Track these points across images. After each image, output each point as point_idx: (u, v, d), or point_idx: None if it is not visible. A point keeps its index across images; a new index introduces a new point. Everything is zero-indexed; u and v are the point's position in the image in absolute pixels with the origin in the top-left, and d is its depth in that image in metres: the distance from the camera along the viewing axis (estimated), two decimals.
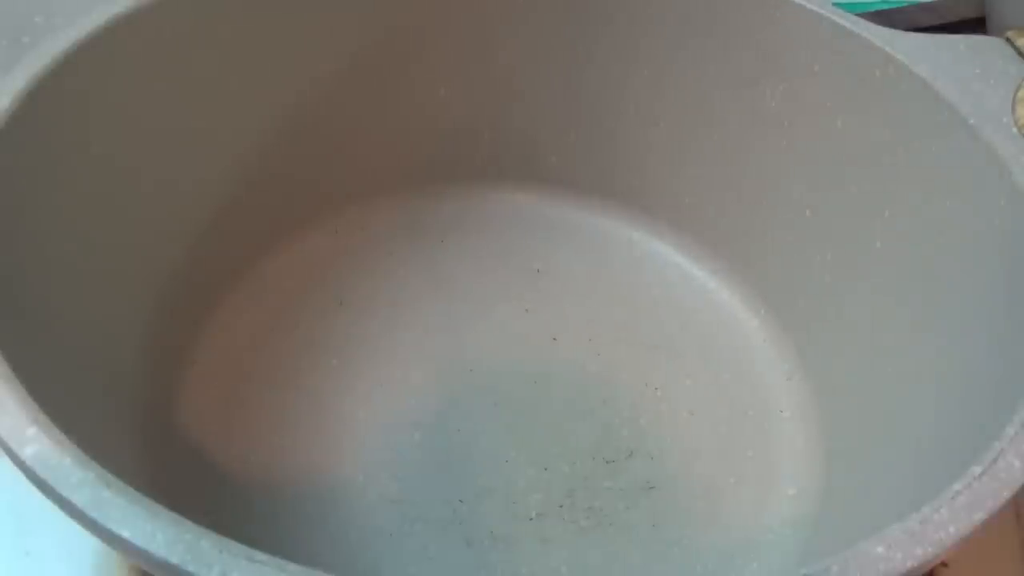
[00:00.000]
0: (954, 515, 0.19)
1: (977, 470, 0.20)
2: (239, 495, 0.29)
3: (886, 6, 0.46)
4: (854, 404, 0.31)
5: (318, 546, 0.28)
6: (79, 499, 0.17)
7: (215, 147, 0.32)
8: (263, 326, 0.34)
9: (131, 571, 0.27)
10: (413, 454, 0.31)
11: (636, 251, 0.38)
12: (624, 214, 0.38)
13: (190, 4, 0.30)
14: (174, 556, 0.17)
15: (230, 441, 0.30)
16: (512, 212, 0.38)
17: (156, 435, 0.29)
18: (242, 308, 0.34)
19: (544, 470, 0.31)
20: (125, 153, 0.29)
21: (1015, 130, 0.27)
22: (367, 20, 0.34)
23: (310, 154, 0.35)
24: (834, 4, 0.31)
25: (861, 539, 0.18)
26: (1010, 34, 0.30)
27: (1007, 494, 0.19)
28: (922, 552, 0.18)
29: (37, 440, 0.18)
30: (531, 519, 0.29)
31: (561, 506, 0.30)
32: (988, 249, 0.27)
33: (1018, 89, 0.28)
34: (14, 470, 0.19)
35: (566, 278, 0.37)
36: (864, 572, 0.18)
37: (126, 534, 0.17)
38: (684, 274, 0.37)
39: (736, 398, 0.33)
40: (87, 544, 0.27)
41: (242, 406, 0.31)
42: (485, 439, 0.31)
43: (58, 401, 0.20)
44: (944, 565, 0.28)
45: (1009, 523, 0.30)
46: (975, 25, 0.46)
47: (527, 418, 0.32)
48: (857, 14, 0.31)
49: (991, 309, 0.26)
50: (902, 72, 0.29)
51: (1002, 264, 0.26)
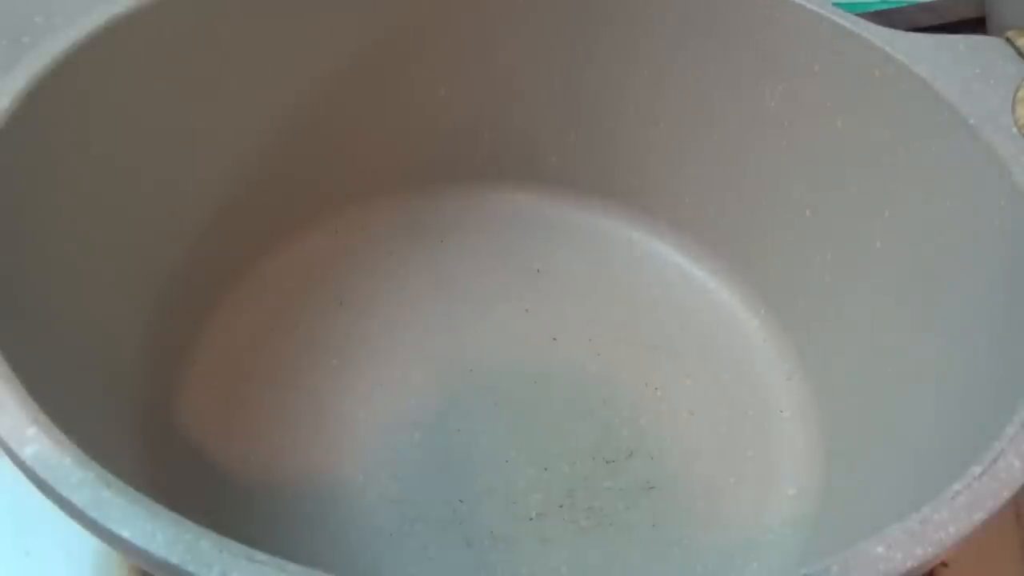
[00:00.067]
0: (954, 515, 0.19)
1: (977, 470, 0.20)
2: (239, 495, 0.29)
3: (886, 6, 0.46)
4: (854, 404, 0.31)
5: (318, 546, 0.28)
6: (79, 499, 0.17)
7: (215, 147, 0.33)
8: (263, 326, 0.34)
9: (131, 571, 0.27)
10: (413, 454, 0.31)
11: (636, 251, 0.38)
12: (624, 214, 0.38)
13: (190, 4, 0.30)
14: (174, 556, 0.17)
15: (230, 441, 0.30)
16: (512, 212, 0.38)
17: (156, 435, 0.29)
18: (242, 308, 0.34)
19: (544, 470, 0.31)
20: (125, 153, 0.29)
21: (1015, 130, 0.27)
22: (367, 20, 0.34)
23: (310, 154, 0.35)
24: (834, 4, 0.31)
25: (861, 539, 0.18)
26: (1010, 34, 0.30)
27: (1007, 494, 0.19)
28: (922, 552, 0.18)
29: (37, 440, 0.18)
30: (531, 519, 0.29)
31: (561, 506, 0.30)
32: (988, 249, 0.27)
33: (1018, 89, 0.28)
34: (14, 470, 0.19)
35: (566, 278, 0.37)
36: (864, 572, 0.18)
37: (126, 534, 0.17)
38: (684, 274, 0.37)
39: (736, 398, 0.33)
40: (87, 544, 0.27)
41: (242, 406, 0.31)
42: (485, 439, 0.31)
43: (58, 401, 0.20)
44: (944, 565, 0.28)
45: (1009, 523, 0.30)
46: (975, 25, 0.46)
47: (527, 418, 0.32)
48: (857, 14, 0.31)
49: (991, 309, 0.26)
50: (902, 72, 0.29)
51: (1002, 264, 0.26)
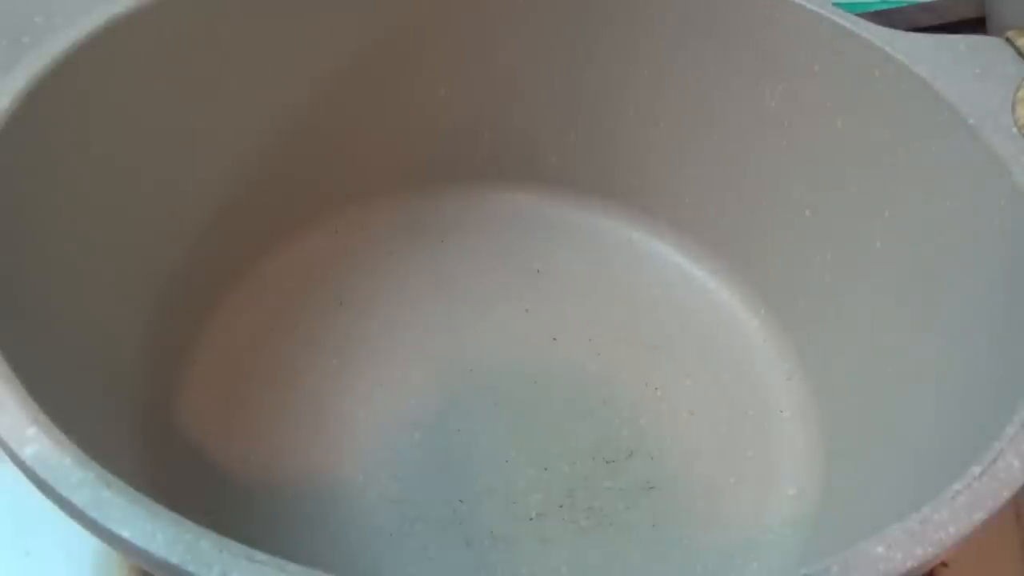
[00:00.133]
0: (954, 515, 0.19)
1: (977, 470, 0.20)
2: (239, 495, 0.29)
3: (886, 6, 0.46)
4: (854, 404, 0.31)
5: (318, 546, 0.28)
6: (79, 499, 0.17)
7: (215, 147, 0.32)
8: (263, 326, 0.34)
9: (131, 571, 0.27)
10: (413, 454, 0.31)
11: (636, 251, 0.38)
12: (624, 214, 0.38)
13: (190, 4, 0.30)
14: (174, 556, 0.17)
15: (230, 441, 0.30)
16: (512, 212, 0.38)
17: (156, 435, 0.29)
18: (242, 308, 0.34)
19: (544, 470, 0.31)
20: (125, 153, 0.29)
21: (1015, 130, 0.27)
22: (367, 20, 0.34)
23: (310, 154, 0.35)
24: (834, 4, 0.31)
25: (861, 539, 0.18)
26: (1010, 34, 0.30)
27: (1007, 494, 0.19)
28: (922, 552, 0.18)
29: (37, 440, 0.18)
30: (531, 519, 0.29)
31: (561, 506, 0.30)
32: (988, 249, 0.27)
33: (1018, 89, 0.28)
34: (14, 470, 0.19)
35: (566, 278, 0.37)
36: (864, 572, 0.18)
37: (126, 534, 0.17)
38: (684, 274, 0.37)
39: (736, 398, 0.33)
40: (87, 544, 0.27)
41: (242, 406, 0.31)
42: (485, 439, 0.31)
43: (58, 401, 0.20)
44: (944, 565, 0.28)
45: (1009, 523, 0.30)
46: (975, 25, 0.46)
47: (527, 418, 0.32)
48: (857, 14, 0.31)
49: (991, 309, 0.26)
50: (902, 72, 0.29)
51: (1002, 264, 0.26)
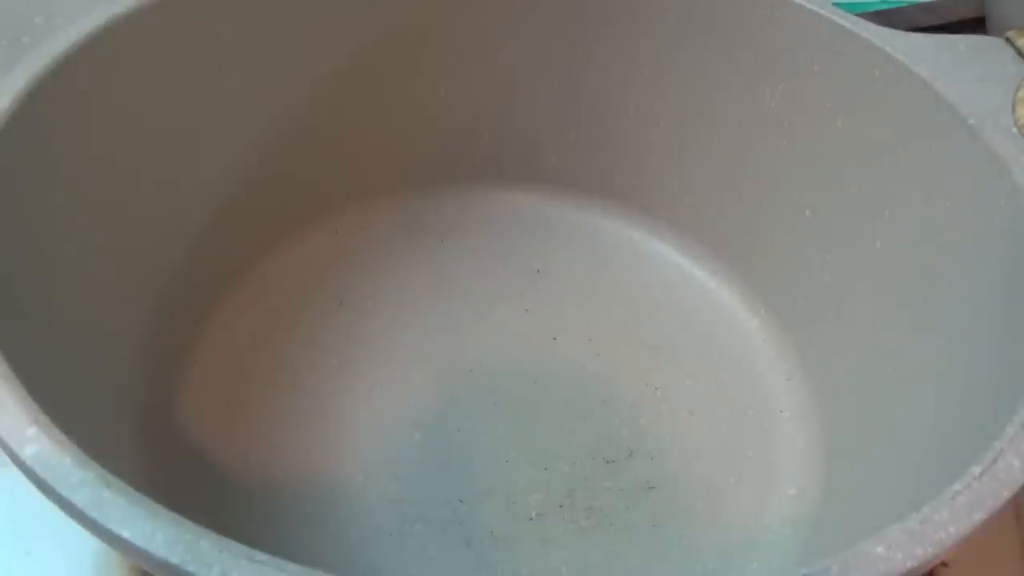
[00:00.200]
0: (954, 515, 0.19)
1: (977, 470, 0.20)
2: (239, 495, 0.29)
3: (886, 6, 0.46)
4: (854, 404, 0.31)
5: (318, 546, 0.28)
6: (79, 499, 0.17)
7: (215, 147, 0.32)
8: (263, 326, 0.34)
9: (131, 571, 0.27)
10: (413, 454, 0.31)
11: (636, 251, 0.38)
12: (624, 214, 0.38)
13: (190, 4, 0.30)
14: (174, 556, 0.17)
15: (230, 441, 0.30)
16: (512, 212, 0.38)
17: (156, 435, 0.29)
18: (242, 308, 0.34)
19: (544, 470, 0.31)
20: (125, 153, 0.29)
21: (1015, 130, 0.27)
22: (367, 20, 0.34)
23: (310, 154, 0.35)
24: (834, 4, 0.31)
25: (861, 539, 0.18)
26: (1010, 34, 0.30)
27: (1007, 494, 0.19)
28: (922, 552, 0.18)
29: (37, 440, 0.18)
30: (531, 519, 0.29)
31: (561, 506, 0.30)
32: (988, 249, 0.27)
33: (1018, 89, 0.28)
34: (14, 470, 0.19)
35: (566, 278, 0.37)
36: (864, 572, 0.18)
37: (126, 534, 0.17)
38: (684, 274, 0.37)
39: (736, 398, 0.33)
40: (87, 544, 0.27)
41: (242, 406, 0.31)
42: (485, 439, 0.31)
43: (58, 401, 0.20)
44: (944, 565, 0.28)
45: (1009, 523, 0.30)
46: (975, 25, 0.46)
47: (527, 418, 0.32)
48: (857, 14, 0.31)
49: (991, 309, 0.26)
50: (902, 72, 0.29)
51: (1002, 264, 0.26)
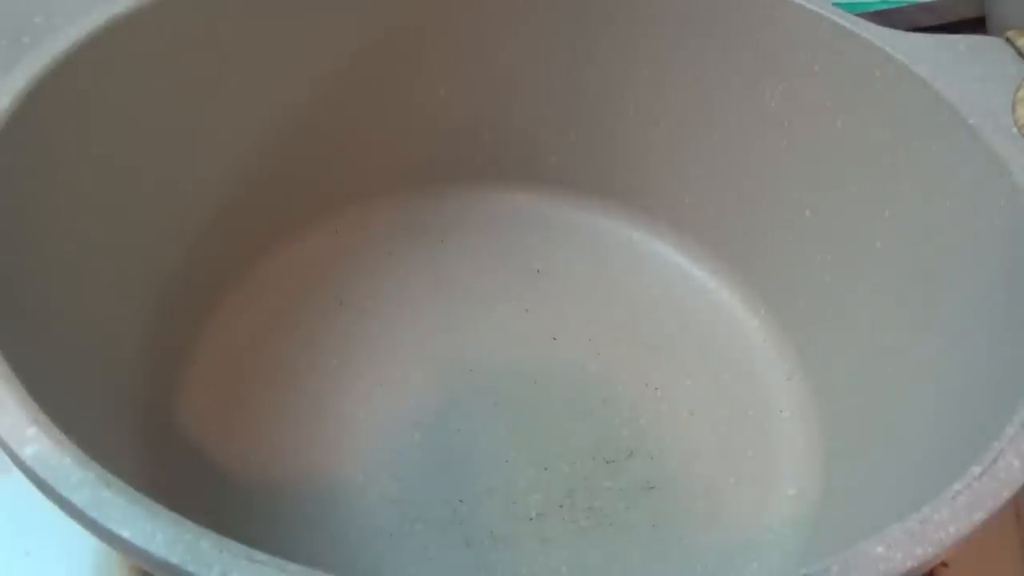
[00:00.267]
0: (954, 515, 0.19)
1: (977, 470, 0.20)
2: (239, 495, 0.29)
3: (886, 6, 0.46)
4: (854, 404, 0.31)
5: (318, 546, 0.28)
6: (79, 499, 0.17)
7: (215, 147, 0.32)
8: (263, 326, 0.34)
9: (131, 571, 0.27)
10: (413, 454, 0.31)
11: (636, 251, 0.38)
12: (624, 214, 0.38)
13: (190, 4, 0.30)
14: (174, 556, 0.17)
15: (230, 441, 0.30)
16: (512, 212, 0.38)
17: (156, 435, 0.29)
18: (242, 308, 0.34)
19: (544, 470, 0.31)
20: (125, 153, 0.29)
21: (1015, 130, 0.27)
22: (367, 20, 0.34)
23: (310, 154, 0.35)
24: (834, 4, 0.31)
25: (861, 539, 0.18)
26: (1010, 34, 0.30)
27: (1007, 494, 0.19)
28: (922, 552, 0.18)
29: (37, 440, 0.18)
30: (531, 519, 0.29)
31: (561, 506, 0.30)
32: (988, 249, 0.27)
33: (1018, 89, 0.28)
34: (14, 471, 0.19)
35: (566, 278, 0.37)
36: (864, 572, 0.18)
37: (126, 534, 0.17)
38: (684, 274, 0.37)
39: (736, 398, 0.33)
40: (87, 544, 0.27)
41: (242, 406, 0.31)
42: (485, 439, 0.31)
43: (58, 401, 0.20)
44: (944, 565, 0.28)
45: (1009, 523, 0.30)
46: (975, 25, 0.46)
47: (527, 418, 0.32)
48: (857, 14, 0.31)
49: (991, 309, 0.26)
50: (902, 72, 0.29)
51: (1002, 264, 0.26)
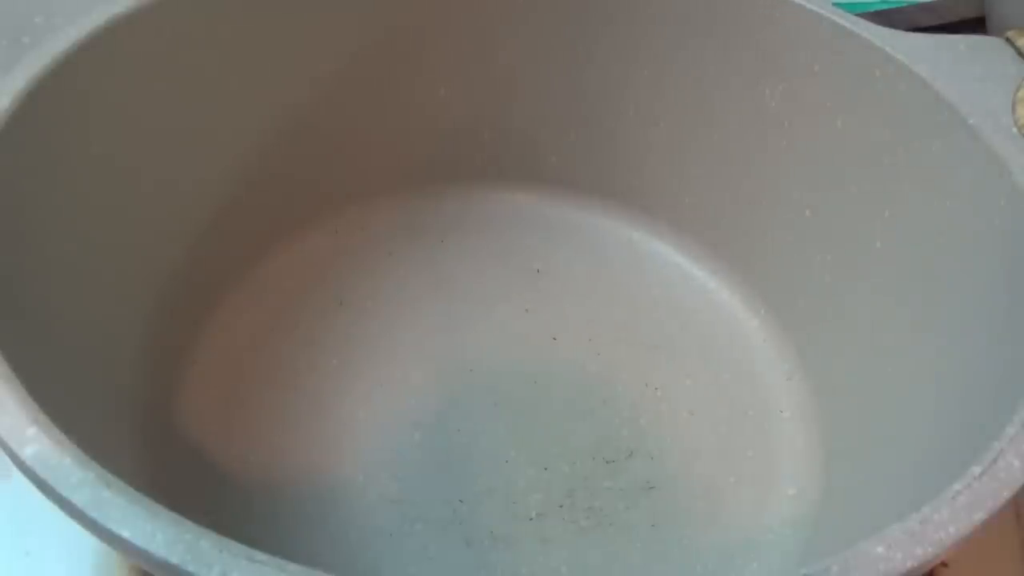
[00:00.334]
0: (954, 515, 0.19)
1: (977, 470, 0.20)
2: (239, 495, 0.29)
3: (886, 6, 0.46)
4: (854, 404, 0.31)
5: (318, 546, 0.28)
6: (79, 499, 0.17)
7: (215, 147, 0.32)
8: (263, 326, 0.34)
9: (131, 571, 0.27)
10: (413, 454, 0.31)
11: (636, 251, 0.38)
12: (624, 214, 0.38)
13: (190, 4, 0.30)
14: (174, 556, 0.17)
15: (230, 441, 0.30)
16: (512, 212, 0.38)
17: (156, 435, 0.29)
18: (242, 308, 0.34)
19: (544, 470, 0.31)
20: (125, 153, 0.29)
21: (1015, 130, 0.27)
22: (367, 20, 0.34)
23: (310, 154, 0.35)
24: (834, 4, 0.31)
25: (861, 539, 0.18)
26: (1010, 34, 0.30)
27: (1007, 494, 0.19)
28: (922, 552, 0.18)
29: (37, 440, 0.18)
30: (531, 519, 0.29)
31: (561, 506, 0.30)
32: (988, 249, 0.27)
33: (1018, 89, 0.28)
34: (14, 471, 0.19)
35: (566, 278, 0.37)
36: (864, 572, 0.18)
37: (126, 534, 0.17)
38: (684, 274, 0.37)
39: (736, 398, 0.33)
40: (87, 544, 0.27)
41: (242, 406, 0.31)
42: (485, 439, 0.31)
43: (58, 401, 0.20)
44: (944, 565, 0.28)
45: (1009, 523, 0.30)
46: (975, 25, 0.46)
47: (527, 418, 0.32)
48: (857, 14, 0.31)
49: (991, 309, 0.26)
50: (902, 72, 0.29)
51: (1002, 264, 0.26)
